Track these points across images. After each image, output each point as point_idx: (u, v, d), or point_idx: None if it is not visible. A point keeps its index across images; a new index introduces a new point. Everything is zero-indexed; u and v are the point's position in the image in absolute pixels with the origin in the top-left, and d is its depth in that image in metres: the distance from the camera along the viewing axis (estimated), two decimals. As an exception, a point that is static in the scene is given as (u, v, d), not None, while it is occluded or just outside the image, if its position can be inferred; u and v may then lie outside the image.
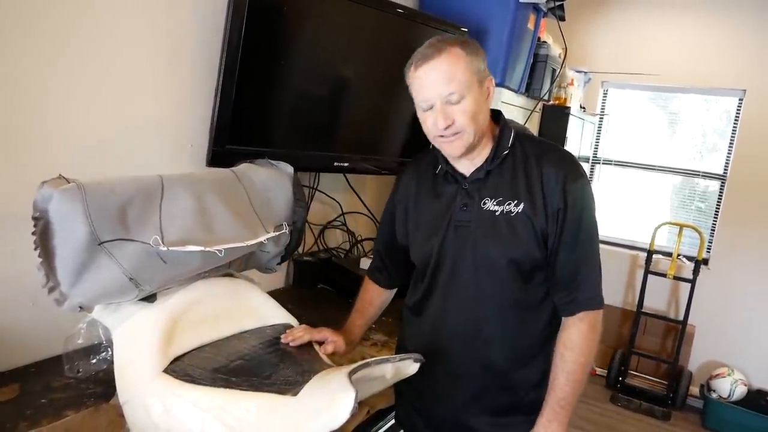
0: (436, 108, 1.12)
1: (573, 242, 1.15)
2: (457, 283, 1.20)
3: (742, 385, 3.46)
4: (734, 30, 3.60)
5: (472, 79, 1.12)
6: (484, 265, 1.17)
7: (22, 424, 1.06)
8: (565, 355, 1.17)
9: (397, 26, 1.98)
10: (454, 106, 1.11)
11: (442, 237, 1.21)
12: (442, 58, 1.10)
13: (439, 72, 1.10)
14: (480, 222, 1.18)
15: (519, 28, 2.36)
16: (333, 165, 1.92)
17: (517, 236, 1.15)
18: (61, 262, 1.02)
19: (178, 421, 0.99)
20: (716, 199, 3.83)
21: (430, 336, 1.24)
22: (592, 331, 1.17)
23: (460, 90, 1.10)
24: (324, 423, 0.91)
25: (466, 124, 1.12)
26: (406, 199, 1.33)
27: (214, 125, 1.52)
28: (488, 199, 1.18)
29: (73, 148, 1.34)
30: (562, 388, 1.17)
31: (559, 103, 3.12)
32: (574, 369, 1.16)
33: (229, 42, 1.47)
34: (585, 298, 1.18)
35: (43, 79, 1.26)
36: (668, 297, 3.90)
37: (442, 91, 1.10)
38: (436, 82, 1.10)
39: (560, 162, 1.17)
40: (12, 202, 1.22)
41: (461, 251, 1.19)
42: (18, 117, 1.24)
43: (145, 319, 1.12)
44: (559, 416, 1.17)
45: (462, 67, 1.10)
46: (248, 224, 1.26)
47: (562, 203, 1.14)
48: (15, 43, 1.20)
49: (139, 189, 1.10)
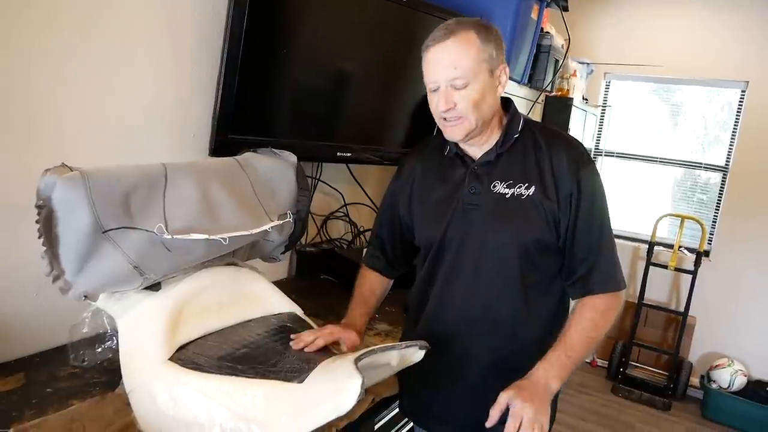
0: (441, 90, 1.13)
1: (587, 226, 1.15)
2: (463, 267, 1.20)
3: (742, 376, 3.47)
4: (737, 21, 3.58)
5: (481, 67, 1.11)
6: (493, 248, 1.17)
7: (28, 413, 1.06)
8: (584, 312, 1.15)
9: (399, 15, 1.96)
10: (458, 91, 1.11)
11: (449, 219, 1.21)
12: (452, 41, 1.10)
13: (447, 55, 1.10)
14: (489, 204, 1.17)
15: (522, 18, 2.35)
16: (335, 155, 1.91)
17: (528, 219, 1.14)
18: (65, 250, 1.02)
19: (185, 408, 0.99)
20: (718, 191, 3.83)
21: (433, 321, 1.24)
22: (612, 302, 1.16)
23: (465, 76, 1.10)
24: (330, 409, 0.91)
25: (468, 110, 1.12)
26: (411, 183, 1.32)
27: (217, 115, 1.51)
28: (498, 182, 1.18)
29: (77, 138, 1.33)
30: (573, 339, 1.13)
31: (561, 95, 3.12)
32: (590, 327, 1.14)
33: (231, 31, 1.46)
34: (602, 280, 1.17)
35: (48, 69, 1.25)
36: (669, 288, 3.91)
37: (447, 75, 1.11)
38: (442, 65, 1.11)
39: (570, 147, 1.18)
40: (15, 191, 1.21)
41: (468, 233, 1.19)
42: (21, 107, 1.23)
43: (150, 307, 1.11)
44: (563, 364, 1.11)
45: (471, 53, 1.10)
46: (252, 213, 1.25)
47: (575, 188, 1.14)
48: (22, 33, 1.20)
49: (143, 177, 1.10)
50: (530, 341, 1.20)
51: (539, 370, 1.11)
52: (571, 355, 1.12)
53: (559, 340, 1.15)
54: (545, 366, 1.12)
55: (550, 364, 1.12)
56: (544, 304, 1.21)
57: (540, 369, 1.11)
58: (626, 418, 3.38)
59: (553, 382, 1.10)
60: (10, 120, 1.21)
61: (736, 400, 3.41)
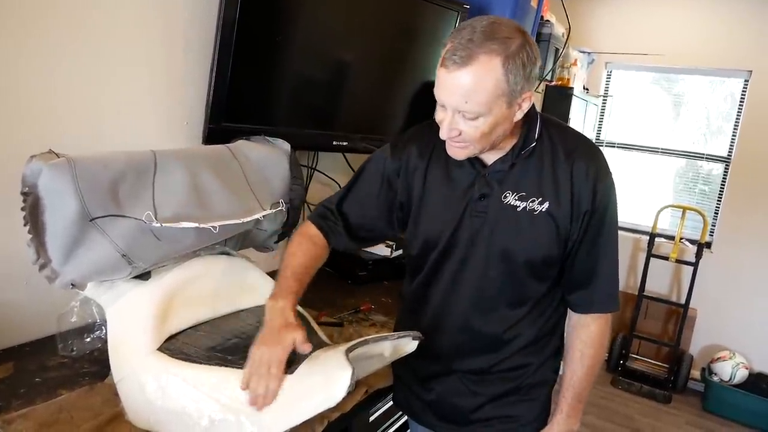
0: (448, 114, 1.02)
1: (594, 241, 1.11)
2: (466, 274, 1.15)
3: (743, 369, 3.45)
4: (740, 10, 3.53)
5: (498, 101, 0.98)
6: (499, 261, 1.12)
7: (15, 403, 1.04)
8: (585, 353, 1.17)
9: (398, 3, 1.94)
10: (466, 121, 1.00)
11: (455, 224, 1.14)
12: (469, 69, 0.95)
13: (461, 85, 0.96)
14: (499, 215, 1.11)
15: (522, 5, 2.31)
16: (332, 144, 1.89)
17: (539, 236, 1.09)
18: (52, 237, 1.00)
19: (173, 399, 0.98)
20: (720, 182, 3.80)
21: (432, 321, 1.20)
22: (606, 326, 1.18)
23: (476, 111, 0.98)
24: (321, 401, 0.90)
25: (474, 140, 1.03)
26: (411, 172, 1.20)
27: (210, 102, 1.49)
28: (509, 193, 1.10)
29: (68, 125, 1.32)
30: (581, 384, 1.17)
31: (561, 84, 3.09)
32: (593, 364, 1.17)
33: (224, 17, 1.43)
34: (602, 299, 1.15)
35: (38, 57, 1.23)
36: (670, 280, 3.88)
37: (456, 104, 0.99)
38: (454, 93, 0.98)
39: (592, 158, 1.11)
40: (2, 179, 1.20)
41: (475, 242, 1.13)
42: (14, 94, 1.21)
43: (139, 296, 1.10)
44: (577, 410, 1.19)
45: (489, 87, 0.96)
46: (244, 201, 1.23)
47: (591, 204, 1.08)
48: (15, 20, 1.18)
49: (131, 164, 1.08)
50: (530, 344, 1.19)
51: (558, 424, 1.19)
52: (582, 398, 1.19)
53: (566, 387, 1.19)
54: (563, 418, 1.19)
55: (567, 415, 1.18)
56: (544, 308, 1.19)
57: (559, 423, 1.19)
58: (626, 411, 3.37)
59: (575, 427, 1.20)
60: (2, 107, 1.20)
61: (737, 393, 3.39)
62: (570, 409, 1.18)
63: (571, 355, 1.18)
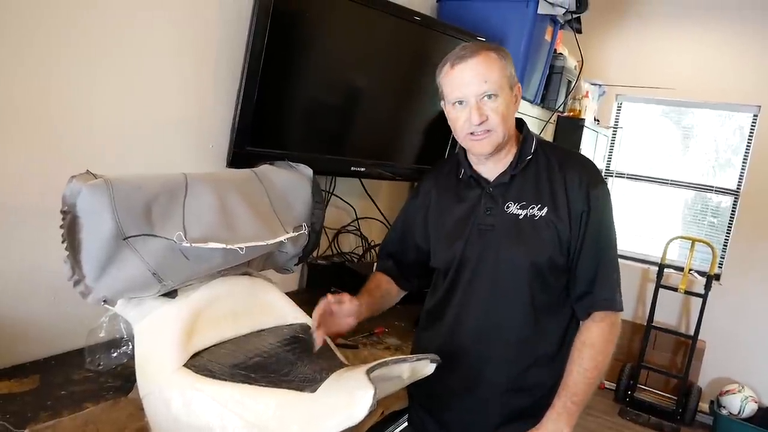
0: (471, 104, 1.15)
1: (593, 244, 1.17)
2: (478, 286, 1.22)
3: (753, 402, 3.42)
4: (750, 45, 3.60)
5: (504, 82, 1.16)
6: (507, 268, 1.19)
7: (42, 415, 1.07)
8: (583, 352, 1.17)
9: (415, 34, 2.00)
10: (488, 104, 1.15)
11: (465, 240, 1.23)
12: (478, 59, 1.15)
13: (476, 71, 1.14)
14: (503, 225, 1.20)
15: (536, 39, 2.38)
16: (350, 170, 1.94)
17: (540, 240, 1.17)
18: (87, 255, 1.04)
19: (198, 415, 1.00)
20: (729, 214, 3.82)
21: (448, 338, 1.25)
22: (611, 332, 1.18)
23: (494, 89, 1.14)
24: (342, 419, 0.92)
25: (498, 122, 1.15)
26: (426, 206, 1.34)
27: (236, 127, 1.54)
28: (512, 203, 1.20)
29: (101, 146, 1.37)
30: (576, 384, 1.17)
31: (573, 115, 3.13)
32: (591, 366, 1.16)
33: (252, 46, 1.50)
34: (602, 299, 1.19)
35: (76, 77, 1.29)
36: (679, 312, 3.88)
37: (479, 89, 1.14)
38: (472, 81, 1.15)
39: (583, 167, 1.21)
40: (36, 196, 1.24)
41: (484, 254, 1.21)
42: (47, 113, 1.27)
43: (166, 314, 1.13)
44: (570, 412, 1.16)
45: (497, 69, 1.15)
46: (268, 224, 1.27)
47: (586, 207, 1.16)
48: (53, 41, 1.24)
49: (164, 186, 1.12)
50: (541, 358, 1.22)
51: (549, 422, 1.17)
52: (576, 400, 1.17)
53: (562, 386, 1.18)
54: (554, 417, 1.17)
55: (558, 413, 1.17)
56: (556, 321, 1.22)
57: (549, 420, 1.17)
58: (634, 442, 3.34)
59: (565, 430, 1.16)
60: (36, 125, 1.25)
61: (746, 427, 3.35)
62: (561, 408, 1.17)
63: (571, 355, 1.20)
